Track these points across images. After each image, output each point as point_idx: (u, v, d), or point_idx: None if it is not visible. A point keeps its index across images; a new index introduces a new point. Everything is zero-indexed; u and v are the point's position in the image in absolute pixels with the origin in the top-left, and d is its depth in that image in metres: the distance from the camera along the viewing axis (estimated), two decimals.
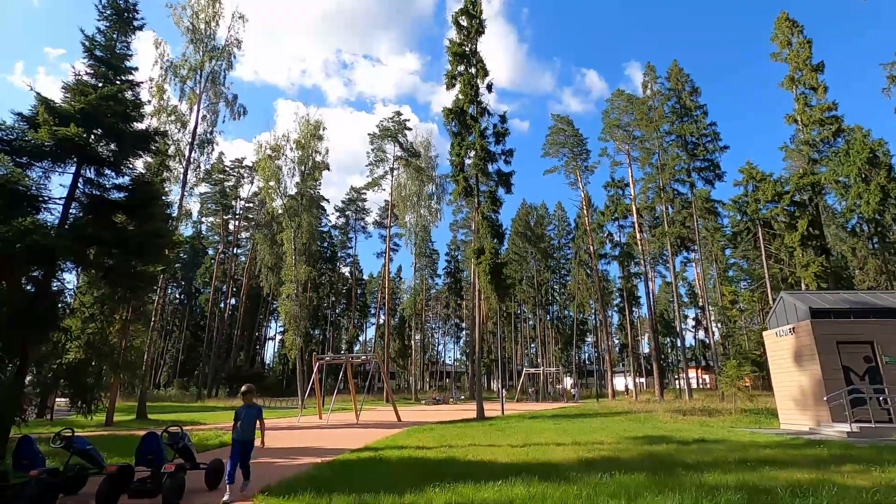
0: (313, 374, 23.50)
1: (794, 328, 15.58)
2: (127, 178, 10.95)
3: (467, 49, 25.14)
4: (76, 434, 7.03)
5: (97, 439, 10.71)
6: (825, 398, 13.76)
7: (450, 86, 25.11)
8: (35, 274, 9.77)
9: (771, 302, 30.39)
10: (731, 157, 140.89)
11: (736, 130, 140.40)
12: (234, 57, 30.10)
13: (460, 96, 24.62)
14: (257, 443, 6.81)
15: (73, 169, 10.30)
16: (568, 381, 58.73)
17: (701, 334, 61.80)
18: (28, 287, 9.76)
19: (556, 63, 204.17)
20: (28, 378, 9.86)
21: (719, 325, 48.07)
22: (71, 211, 10.17)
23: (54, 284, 9.90)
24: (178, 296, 63.63)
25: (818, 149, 31.33)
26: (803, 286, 29.63)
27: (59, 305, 10.36)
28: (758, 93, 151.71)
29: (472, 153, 24.12)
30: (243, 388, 7.13)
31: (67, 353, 11.15)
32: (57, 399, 21.98)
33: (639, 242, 40.95)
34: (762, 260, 34.59)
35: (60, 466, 6.82)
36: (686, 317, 62.38)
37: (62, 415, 21.81)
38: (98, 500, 6.04)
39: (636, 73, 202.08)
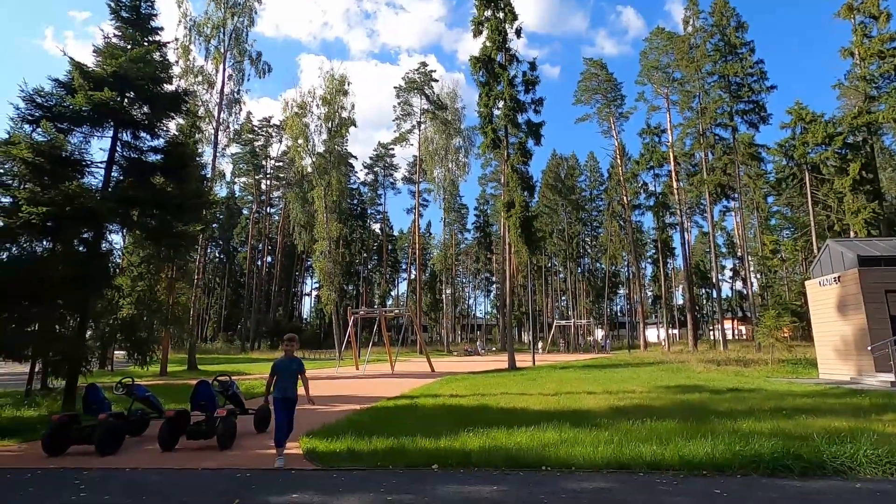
0: (349, 328, 24.36)
1: (839, 277, 14.98)
2: (162, 140, 11.17)
3: None
4: (135, 382, 7.61)
5: (154, 387, 11.54)
6: (869, 347, 13.37)
7: (476, 33, 24.07)
8: (85, 236, 10.29)
9: (815, 251, 29.19)
10: (778, 97, 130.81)
11: (784, 68, 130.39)
12: (256, 12, 29.65)
13: (488, 43, 23.61)
14: (301, 392, 6.03)
15: (110, 133, 10.57)
16: (599, 333, 58.93)
17: (738, 285, 60.26)
18: (80, 248, 10.31)
19: (590, 0, 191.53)
20: (88, 333, 10.58)
21: (758, 275, 46.69)
22: (112, 174, 10.53)
23: (103, 245, 10.43)
24: (217, 255, 66.05)
25: (876, 84, 28.88)
26: (852, 234, 28.21)
27: (110, 265, 10.96)
28: (810, 24, 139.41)
29: (501, 103, 23.36)
30: (286, 337, 6.21)
31: (121, 309, 11.89)
32: (115, 352, 23.66)
33: (675, 191, 39.51)
34: (808, 207, 32.96)
35: (125, 411, 7.44)
36: (723, 267, 60.77)
37: (121, 366, 23.51)
38: (160, 440, 6.61)
39: (677, 9, 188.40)
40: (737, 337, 58.22)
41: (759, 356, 23.09)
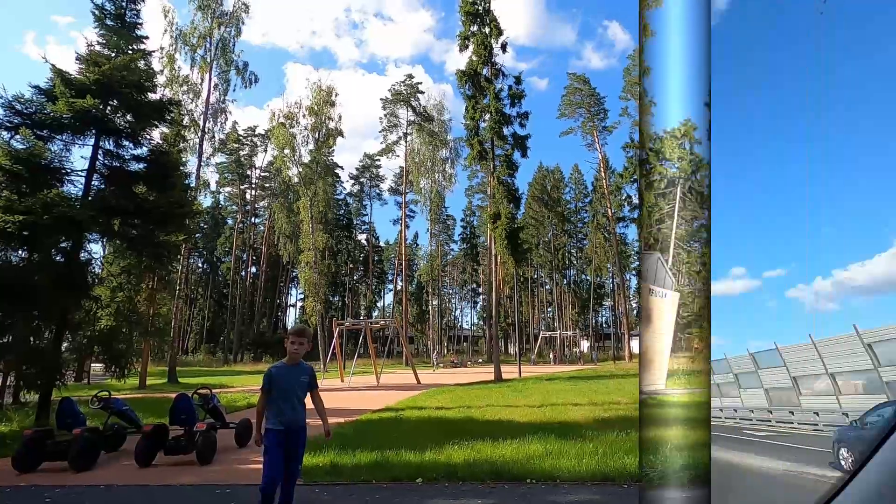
0: (334, 339, 24.14)
1: None
2: (145, 149, 11.03)
3: (480, 7, 24.25)
4: (113, 396, 7.42)
5: (132, 401, 11.27)
6: None
7: (463, 47, 24.39)
8: (63, 245, 10.06)
9: None
10: None
11: None
12: (243, 22, 29.68)
13: (474, 58, 23.93)
14: (311, 425, 3.95)
15: (92, 141, 10.41)
16: (585, 345, 59.19)
17: None
18: (58, 258, 10.08)
19: (577, 14, 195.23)
20: (65, 345, 10.30)
21: None
22: (93, 183, 10.36)
23: (82, 255, 10.21)
24: (200, 265, 65.07)
25: None
26: None
27: (89, 276, 10.73)
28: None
29: (487, 116, 23.64)
30: (293, 330, 4.00)
31: (99, 320, 11.60)
32: (93, 364, 23.05)
33: None
34: None
35: (101, 426, 7.23)
36: None
37: (98, 379, 22.91)
38: (137, 456, 6.42)
39: None
40: None
41: None
